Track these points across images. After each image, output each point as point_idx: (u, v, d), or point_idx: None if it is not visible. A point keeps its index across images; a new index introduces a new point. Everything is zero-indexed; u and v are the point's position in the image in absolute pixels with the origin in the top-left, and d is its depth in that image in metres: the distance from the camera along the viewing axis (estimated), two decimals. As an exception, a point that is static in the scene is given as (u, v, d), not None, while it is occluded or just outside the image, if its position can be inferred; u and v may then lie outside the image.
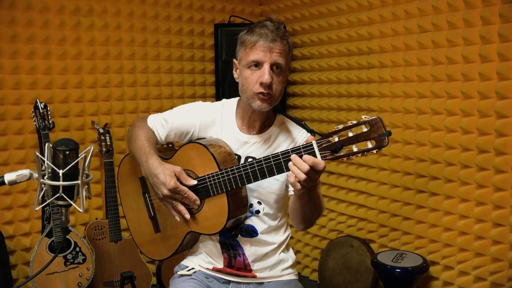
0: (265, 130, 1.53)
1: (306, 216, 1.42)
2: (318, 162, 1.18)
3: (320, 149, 1.19)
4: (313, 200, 1.35)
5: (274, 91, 1.41)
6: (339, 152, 1.16)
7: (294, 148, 1.24)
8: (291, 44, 1.46)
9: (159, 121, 1.59)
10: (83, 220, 2.77)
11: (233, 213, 1.41)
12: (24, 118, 2.51)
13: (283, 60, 1.41)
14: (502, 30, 1.93)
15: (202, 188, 1.44)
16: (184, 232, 1.52)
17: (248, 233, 1.51)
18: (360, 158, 2.68)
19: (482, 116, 2.05)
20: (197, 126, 1.54)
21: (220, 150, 1.45)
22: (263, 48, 1.38)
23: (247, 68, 1.42)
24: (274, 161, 1.28)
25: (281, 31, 1.41)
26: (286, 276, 1.58)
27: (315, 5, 2.94)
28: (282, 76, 1.43)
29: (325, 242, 2.91)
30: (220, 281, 1.56)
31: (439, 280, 2.30)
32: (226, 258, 1.54)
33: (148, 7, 2.89)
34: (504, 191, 2.01)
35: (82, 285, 2.47)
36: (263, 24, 1.42)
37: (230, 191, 1.39)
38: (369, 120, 1.13)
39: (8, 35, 2.42)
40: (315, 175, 1.20)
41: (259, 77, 1.39)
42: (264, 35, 1.39)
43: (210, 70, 3.21)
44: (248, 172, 1.34)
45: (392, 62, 2.45)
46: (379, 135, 1.11)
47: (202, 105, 1.59)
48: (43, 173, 1.04)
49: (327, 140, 1.18)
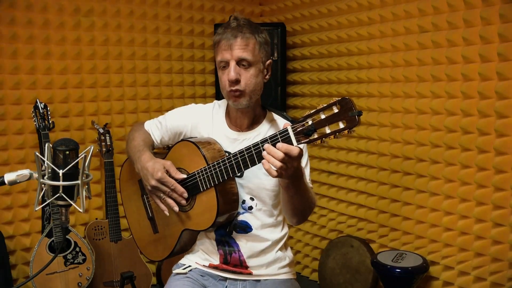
0: (254, 127, 1.55)
1: (296, 208, 1.43)
2: (291, 148, 1.20)
3: (295, 133, 1.21)
4: (300, 192, 1.36)
5: (243, 86, 1.42)
6: (312, 135, 1.19)
7: (272, 135, 1.26)
8: (259, 36, 1.45)
9: (155, 124, 1.66)
10: (83, 220, 2.77)
11: (222, 208, 1.43)
12: (24, 118, 2.52)
13: (248, 54, 1.41)
14: (502, 30, 1.93)
15: (192, 184, 1.46)
16: (179, 231, 1.53)
17: (242, 229, 1.52)
18: (360, 158, 2.68)
19: (482, 116, 2.05)
20: (189, 127, 1.59)
21: (209, 147, 1.48)
22: (225, 47, 1.42)
23: (219, 69, 1.47)
24: (254, 150, 1.30)
25: (241, 27, 1.43)
26: (283, 275, 1.58)
27: (315, 5, 2.94)
28: (254, 70, 1.43)
29: (325, 242, 2.91)
30: (216, 279, 1.57)
31: (439, 280, 2.30)
32: (222, 254, 1.55)
33: (148, 7, 2.89)
34: (504, 191, 2.00)
35: (82, 285, 2.47)
36: (227, 24, 1.45)
37: (218, 185, 1.41)
38: (339, 100, 1.15)
39: (8, 35, 2.42)
40: (291, 162, 1.22)
41: (228, 75, 1.42)
42: (225, 33, 1.43)
43: (210, 70, 3.21)
44: (232, 163, 1.36)
45: (392, 62, 2.45)
46: (349, 115, 1.13)
47: (193, 107, 1.64)
48: (43, 173, 1.04)
49: (301, 124, 1.20)
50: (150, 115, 2.97)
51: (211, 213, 1.43)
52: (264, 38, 1.48)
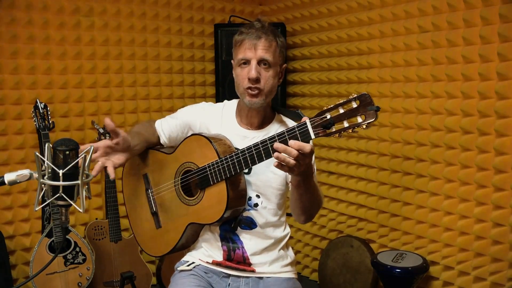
0: (264, 127, 1.58)
1: (305, 207, 1.45)
2: (304, 145, 1.21)
3: (313, 127, 1.23)
4: (310, 190, 1.38)
5: (262, 85, 1.47)
6: (330, 128, 1.21)
7: (289, 128, 1.27)
8: (279, 40, 1.52)
9: (166, 120, 1.70)
10: (83, 220, 2.77)
11: (232, 201, 1.44)
12: (24, 118, 2.52)
13: (270, 55, 1.47)
14: (502, 30, 1.93)
15: (202, 178, 1.48)
16: (184, 225, 1.54)
17: (247, 225, 1.54)
18: (360, 158, 2.68)
19: (482, 116, 2.05)
20: (197, 123, 1.63)
21: (221, 142, 1.50)
22: (249, 46, 1.47)
23: (238, 66, 1.51)
24: (270, 143, 1.31)
25: (266, 29, 1.49)
26: (285, 273, 1.60)
27: (315, 5, 2.94)
28: (272, 71, 1.49)
29: (325, 242, 2.91)
30: (219, 276, 1.58)
31: (439, 280, 2.30)
32: (226, 251, 1.56)
33: (148, 7, 2.89)
34: (504, 191, 2.01)
35: (82, 285, 2.47)
36: (251, 24, 1.52)
37: (229, 178, 1.43)
38: (358, 96, 1.19)
39: (8, 35, 2.42)
40: (304, 159, 1.23)
41: (247, 73, 1.46)
42: (249, 33, 1.48)
43: (210, 70, 3.21)
44: (246, 156, 1.37)
45: (392, 62, 2.45)
46: (368, 109, 1.16)
47: (205, 105, 1.69)
48: (43, 173, 1.04)
49: (319, 118, 1.22)
50: (150, 115, 2.97)
51: (220, 206, 1.44)
52: (282, 42, 1.54)
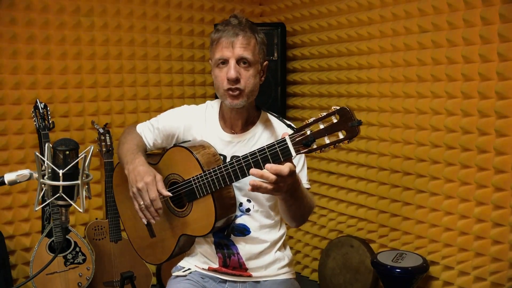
0: (248, 128, 1.52)
1: (296, 214, 1.41)
2: (281, 168, 1.15)
3: (293, 143, 1.18)
4: (298, 200, 1.33)
5: (243, 86, 1.40)
6: (311, 145, 1.15)
7: (269, 144, 1.22)
8: (259, 37, 1.44)
9: (147, 126, 1.61)
10: (83, 220, 2.77)
11: (220, 214, 1.41)
12: (24, 118, 2.51)
13: (249, 53, 1.39)
14: (502, 30, 1.93)
15: (188, 191, 1.44)
16: (177, 236, 1.52)
17: (240, 232, 1.51)
18: (360, 158, 2.68)
19: (482, 116, 2.05)
20: (181, 129, 1.55)
21: (204, 151, 1.44)
22: (226, 44, 1.39)
23: (216, 66, 1.44)
24: (252, 159, 1.26)
25: (243, 25, 1.41)
26: (283, 275, 1.58)
27: (315, 5, 2.94)
28: (253, 70, 1.41)
29: (325, 242, 2.91)
30: (216, 281, 1.56)
31: (439, 280, 2.30)
32: (221, 257, 1.54)
33: (148, 7, 2.89)
34: (504, 191, 2.00)
35: (82, 285, 2.47)
36: (227, 21, 1.42)
37: (215, 192, 1.39)
38: (338, 110, 1.12)
39: (8, 35, 2.42)
40: (284, 181, 1.17)
41: (226, 74, 1.39)
42: (226, 31, 1.39)
43: (210, 70, 3.19)
44: (229, 171, 1.32)
45: (392, 62, 2.45)
46: (349, 125, 1.10)
47: (186, 108, 1.60)
48: (43, 173, 1.04)
49: (300, 134, 1.17)
50: (150, 115, 2.96)
51: (208, 220, 1.41)
52: (262, 39, 1.46)
